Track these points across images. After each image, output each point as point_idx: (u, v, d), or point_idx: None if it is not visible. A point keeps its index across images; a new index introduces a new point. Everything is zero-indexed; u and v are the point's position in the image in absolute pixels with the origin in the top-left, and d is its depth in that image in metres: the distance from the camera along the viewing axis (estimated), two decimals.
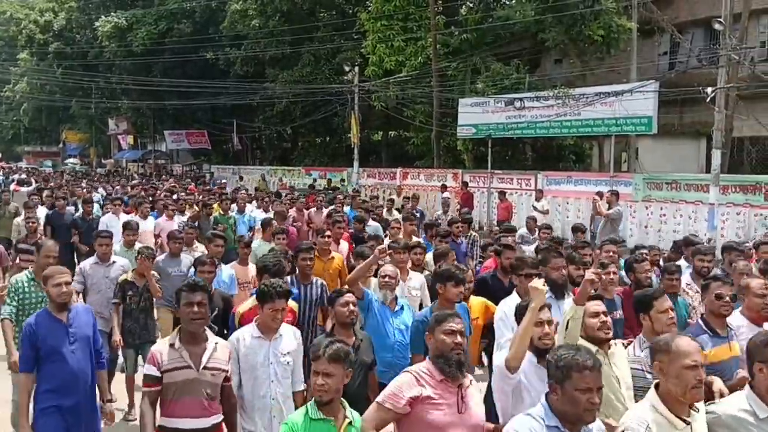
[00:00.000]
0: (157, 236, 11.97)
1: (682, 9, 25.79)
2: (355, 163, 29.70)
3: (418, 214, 15.06)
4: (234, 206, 14.55)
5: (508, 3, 28.02)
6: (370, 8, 28.50)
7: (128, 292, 7.51)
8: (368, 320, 6.13)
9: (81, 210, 13.62)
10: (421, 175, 27.46)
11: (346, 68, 34.92)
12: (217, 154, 44.64)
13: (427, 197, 25.65)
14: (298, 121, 34.85)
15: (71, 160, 57.95)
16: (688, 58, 24.61)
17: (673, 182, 19.67)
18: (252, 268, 8.43)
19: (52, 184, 23.32)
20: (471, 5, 29.90)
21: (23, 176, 27.92)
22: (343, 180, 28.77)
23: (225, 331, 6.03)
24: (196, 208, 14.45)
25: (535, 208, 18.62)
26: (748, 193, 17.87)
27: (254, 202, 16.43)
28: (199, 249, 9.37)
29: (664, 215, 19.54)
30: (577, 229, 12.38)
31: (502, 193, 20.55)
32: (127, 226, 9.80)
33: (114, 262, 8.10)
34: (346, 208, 14.89)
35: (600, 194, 15.75)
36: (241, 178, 34.34)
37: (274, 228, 10.33)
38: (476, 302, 6.55)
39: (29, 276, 6.52)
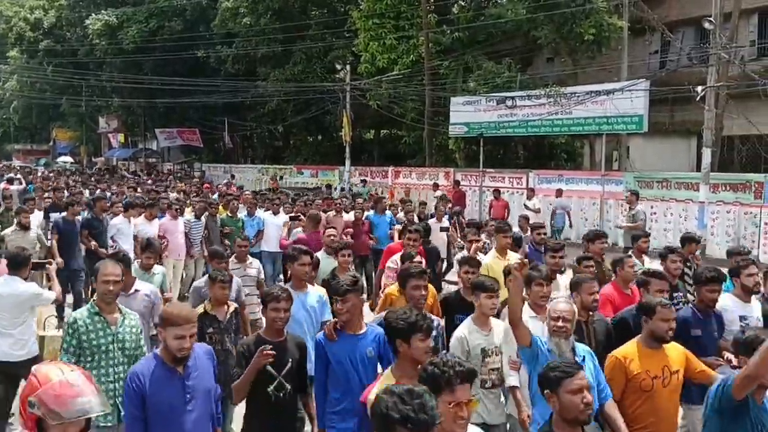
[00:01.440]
0: (162, 237, 11.45)
1: (673, 8, 25.88)
2: (347, 162, 29.66)
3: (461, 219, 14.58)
4: (242, 206, 14.02)
5: (499, 1, 28.07)
6: (362, 6, 28.48)
7: (208, 329, 5.92)
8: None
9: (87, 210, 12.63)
10: (412, 173, 27.47)
11: (338, 66, 34.87)
12: (208, 153, 44.49)
13: (419, 196, 25.69)
14: (290, 120, 34.77)
15: (63, 158, 57.60)
16: (678, 57, 24.69)
17: (664, 181, 19.77)
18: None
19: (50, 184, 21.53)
20: (463, 4, 29.90)
21: (12, 174, 27.55)
22: (364, 180, 27.77)
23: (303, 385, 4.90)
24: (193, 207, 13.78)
25: (526, 207, 18.67)
26: (738, 191, 17.97)
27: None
28: (255, 264, 8.73)
29: (655, 213, 19.61)
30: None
31: (497, 191, 20.56)
32: (149, 246, 7.77)
33: (136, 290, 6.36)
34: (369, 213, 13.95)
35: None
36: (232, 177, 34.24)
37: (336, 243, 8.48)
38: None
39: (91, 309, 5.04)
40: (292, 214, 13.55)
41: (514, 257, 7.47)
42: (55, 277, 6.94)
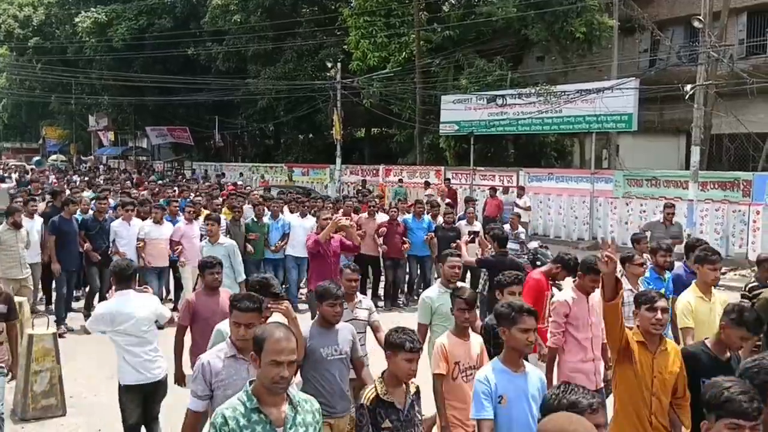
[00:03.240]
0: (177, 242, 11.02)
1: (663, 7, 25.98)
2: (338, 160, 29.64)
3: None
4: (257, 208, 12.94)
5: None
6: (352, 4, 28.46)
7: (383, 423, 4.16)
8: None
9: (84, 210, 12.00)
10: (403, 172, 27.48)
11: (329, 65, 34.85)
12: (199, 151, 44.40)
13: (410, 194, 25.72)
14: (281, 118, 34.73)
15: (55, 156, 57.35)
16: (668, 56, 24.79)
17: (653, 179, 19.85)
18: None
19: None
20: (453, 2, 29.93)
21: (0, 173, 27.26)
22: (400, 180, 26.08)
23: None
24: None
25: (516, 205, 18.73)
26: (726, 189, 18.06)
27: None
28: (365, 304, 6.35)
29: (644, 212, 19.70)
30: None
31: (492, 190, 20.60)
32: (209, 266, 6.30)
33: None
34: (408, 216, 13.30)
35: None
36: (223, 175, 34.18)
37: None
38: None
39: (248, 403, 3.26)
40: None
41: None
42: (149, 289, 6.33)
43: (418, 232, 12.91)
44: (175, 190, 19.26)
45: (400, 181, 25.85)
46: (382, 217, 13.21)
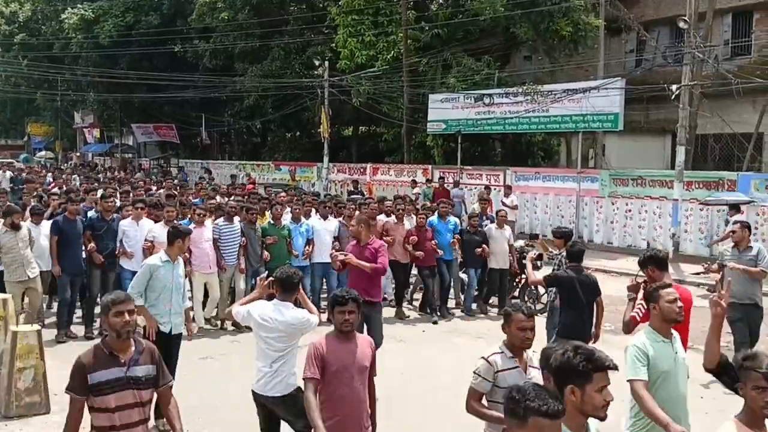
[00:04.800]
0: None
1: (649, 7, 26.15)
2: (325, 158, 29.60)
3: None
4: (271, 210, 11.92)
5: None
6: (340, 2, 28.41)
7: None
8: None
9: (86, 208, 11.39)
10: (391, 170, 27.51)
11: (317, 63, 34.78)
12: (185, 149, 44.19)
13: (397, 192, 25.74)
14: (268, 116, 34.63)
15: (42, 153, 56.92)
16: (653, 56, 24.95)
17: (639, 178, 19.98)
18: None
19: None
20: (441, 1, 29.95)
21: None
22: (428, 180, 24.60)
23: None
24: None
25: (503, 204, 18.80)
26: (711, 188, 18.21)
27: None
28: None
29: (630, 211, 19.84)
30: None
31: (487, 188, 20.69)
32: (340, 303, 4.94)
33: None
34: (433, 218, 12.37)
35: None
36: (209, 173, 34.04)
37: None
38: None
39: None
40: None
41: None
42: (307, 300, 5.81)
43: (444, 234, 12.11)
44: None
45: (429, 181, 24.02)
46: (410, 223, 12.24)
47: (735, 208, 15.36)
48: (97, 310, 9.35)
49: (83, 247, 10.24)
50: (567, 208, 21.56)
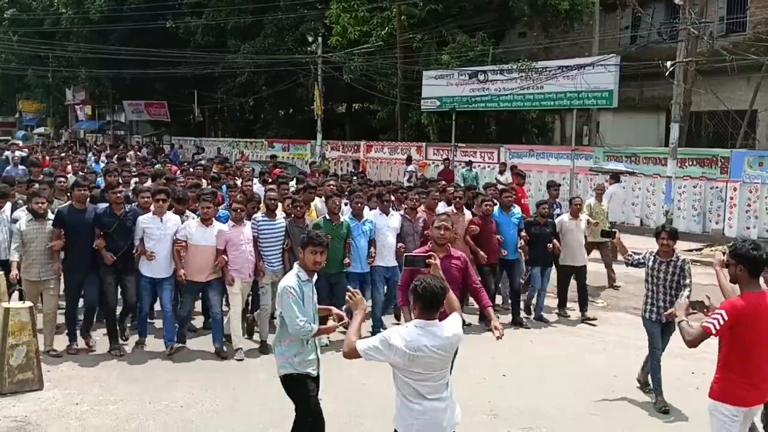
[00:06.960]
0: (220, 251, 8.33)
1: None
2: (319, 136, 29.47)
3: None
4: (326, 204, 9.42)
5: None
6: None
7: None
8: None
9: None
10: (385, 148, 27.43)
11: (310, 39, 34.49)
12: (177, 126, 43.94)
13: (391, 170, 25.82)
14: (261, 93, 34.41)
15: (40, 129, 56.55)
16: (648, 33, 24.80)
17: (633, 155, 20.00)
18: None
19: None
20: None
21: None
22: (469, 162, 22.71)
23: None
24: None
25: (498, 181, 18.76)
26: (704, 166, 18.26)
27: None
28: None
29: (624, 188, 19.81)
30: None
31: (503, 165, 20.64)
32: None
33: None
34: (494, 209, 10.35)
35: None
36: (202, 150, 33.89)
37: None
38: None
39: None
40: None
41: None
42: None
43: (507, 229, 10.09)
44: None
45: (469, 163, 22.30)
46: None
47: (615, 177, 16.15)
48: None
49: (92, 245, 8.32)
50: (561, 186, 21.50)
